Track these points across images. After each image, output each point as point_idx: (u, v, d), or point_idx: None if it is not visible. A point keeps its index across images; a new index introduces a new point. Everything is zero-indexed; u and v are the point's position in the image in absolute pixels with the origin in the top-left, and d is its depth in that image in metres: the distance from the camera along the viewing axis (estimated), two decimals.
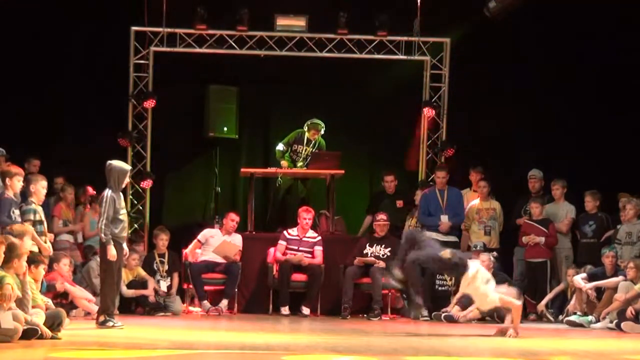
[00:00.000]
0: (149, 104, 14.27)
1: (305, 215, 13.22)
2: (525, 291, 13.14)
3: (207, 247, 13.20)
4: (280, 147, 14.04)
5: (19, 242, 8.82)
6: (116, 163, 10.23)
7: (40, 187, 10.66)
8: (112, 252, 9.94)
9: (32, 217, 10.41)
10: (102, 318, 10.08)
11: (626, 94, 14.32)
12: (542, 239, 13.03)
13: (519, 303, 10.26)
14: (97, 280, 12.21)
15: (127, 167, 10.41)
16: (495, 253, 12.74)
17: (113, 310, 10.19)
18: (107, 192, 10.02)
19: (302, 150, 14.00)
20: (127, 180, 10.39)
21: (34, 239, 9.96)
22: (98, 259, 12.27)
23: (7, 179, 10.32)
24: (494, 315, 12.53)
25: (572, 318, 11.99)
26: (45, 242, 10.41)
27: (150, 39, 14.40)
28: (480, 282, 10.10)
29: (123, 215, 10.12)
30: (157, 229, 13.34)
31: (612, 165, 14.03)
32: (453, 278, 12.92)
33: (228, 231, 13.27)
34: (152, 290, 12.53)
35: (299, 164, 14.04)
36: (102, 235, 9.99)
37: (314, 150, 13.98)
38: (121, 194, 10.24)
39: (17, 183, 10.41)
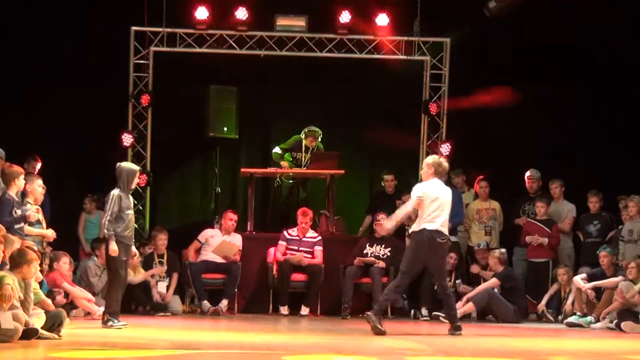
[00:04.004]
0: (145, 100, 14.28)
1: (302, 218, 13.21)
2: (526, 291, 13.21)
3: (207, 247, 13.21)
4: (276, 149, 14.04)
5: (30, 249, 8.89)
6: (125, 164, 10.50)
7: (36, 186, 10.71)
8: (112, 247, 10.01)
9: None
10: (105, 317, 10.14)
11: (626, 93, 14.32)
12: (546, 240, 13.06)
13: None
14: (95, 280, 12.27)
15: (135, 167, 10.55)
16: (503, 250, 12.82)
17: (116, 309, 10.19)
18: (115, 191, 10.17)
19: (301, 158, 14.00)
20: (137, 180, 10.51)
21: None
22: (95, 259, 12.36)
23: (15, 179, 10.33)
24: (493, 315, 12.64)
25: (572, 319, 12.01)
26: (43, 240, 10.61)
27: (150, 39, 14.41)
28: None
29: (128, 215, 10.18)
30: (155, 229, 13.35)
31: (611, 165, 14.02)
32: (452, 279, 12.96)
33: (227, 230, 13.27)
34: (155, 287, 12.58)
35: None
36: (105, 230, 10.12)
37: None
38: (130, 196, 10.36)
39: (22, 182, 10.47)
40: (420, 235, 9.92)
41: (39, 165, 12.56)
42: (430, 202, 9.92)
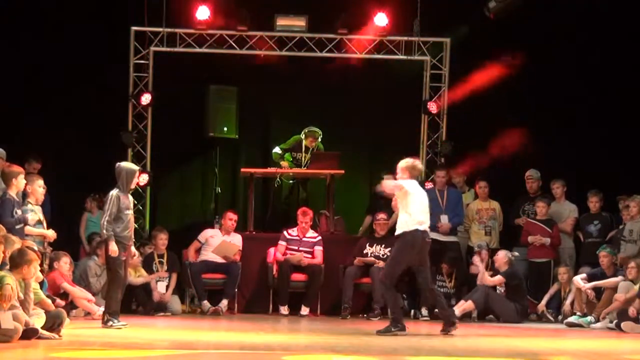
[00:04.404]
0: (146, 99, 14.27)
1: (302, 218, 13.21)
2: (527, 291, 13.22)
3: (207, 247, 13.21)
4: (277, 149, 14.06)
5: (30, 249, 8.93)
6: (124, 164, 10.51)
7: (37, 186, 10.73)
8: (112, 248, 10.03)
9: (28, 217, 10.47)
10: (105, 317, 10.16)
11: (626, 93, 14.32)
12: (548, 240, 13.06)
13: None
14: (93, 280, 12.27)
15: (135, 167, 10.56)
16: (517, 253, 12.80)
17: (116, 309, 10.20)
18: (114, 191, 10.20)
19: (301, 158, 14.01)
20: (136, 180, 10.52)
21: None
22: (96, 259, 12.37)
23: (13, 179, 10.37)
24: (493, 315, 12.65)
25: (572, 319, 12.01)
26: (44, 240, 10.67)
27: (150, 39, 14.41)
28: None
29: (127, 215, 10.20)
30: (156, 229, 13.35)
31: (610, 165, 14.02)
32: (453, 280, 12.96)
33: (227, 230, 13.28)
34: (156, 287, 12.58)
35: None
36: (104, 231, 10.13)
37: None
38: (130, 196, 10.37)
39: (22, 181, 10.49)
40: (413, 236, 9.95)
41: (39, 166, 12.57)
42: (414, 199, 9.98)
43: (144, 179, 14.11)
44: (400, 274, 10.49)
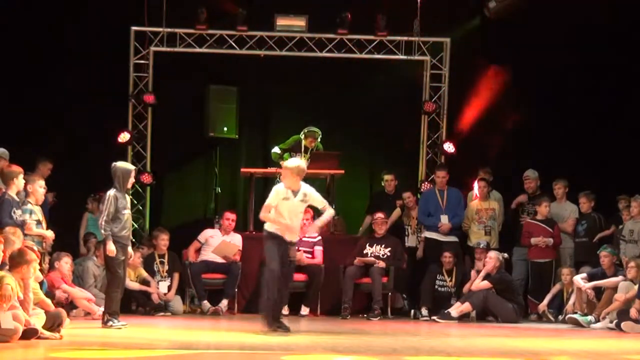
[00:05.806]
0: (149, 99, 14.28)
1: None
2: (526, 291, 13.22)
3: (207, 247, 13.21)
4: (276, 149, 14.05)
5: (29, 249, 8.94)
6: (120, 163, 10.46)
7: (37, 187, 10.73)
8: (110, 248, 10.03)
9: (27, 217, 10.46)
10: (105, 317, 10.16)
11: (625, 94, 14.33)
12: (551, 241, 13.05)
13: None
14: (91, 280, 12.27)
15: (130, 166, 10.55)
16: (506, 255, 12.77)
17: (116, 309, 10.20)
18: (111, 191, 10.19)
19: (301, 158, 14.00)
20: (132, 179, 10.47)
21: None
22: (95, 259, 12.36)
23: (11, 180, 10.37)
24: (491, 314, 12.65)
25: (575, 316, 12.00)
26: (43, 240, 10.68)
27: (150, 39, 14.41)
28: None
29: (124, 215, 10.18)
30: (157, 229, 13.34)
31: (610, 166, 14.03)
32: (453, 279, 12.95)
33: (226, 230, 13.28)
34: (155, 288, 12.57)
35: None
36: (102, 231, 10.13)
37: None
38: (127, 196, 10.36)
39: (21, 181, 10.48)
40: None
41: (51, 167, 12.57)
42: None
43: (147, 177, 14.14)
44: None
